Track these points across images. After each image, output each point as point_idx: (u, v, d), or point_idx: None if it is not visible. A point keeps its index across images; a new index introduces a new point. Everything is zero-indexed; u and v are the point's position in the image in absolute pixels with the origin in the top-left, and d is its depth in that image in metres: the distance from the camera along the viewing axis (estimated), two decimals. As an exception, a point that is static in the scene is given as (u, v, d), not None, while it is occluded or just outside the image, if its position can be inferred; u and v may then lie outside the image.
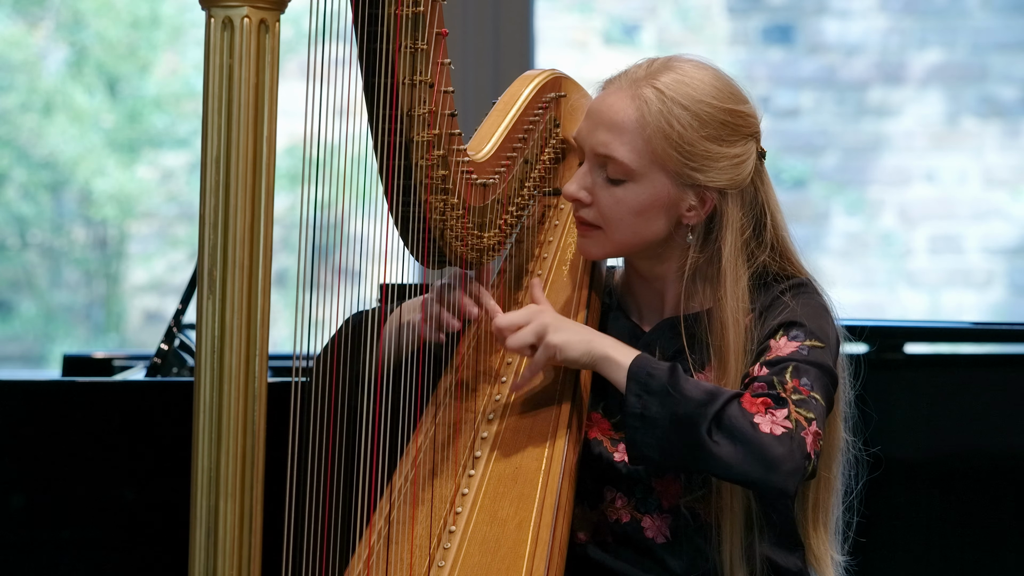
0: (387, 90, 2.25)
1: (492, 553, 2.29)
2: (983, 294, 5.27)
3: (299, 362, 2.13)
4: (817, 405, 2.30)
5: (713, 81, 2.42)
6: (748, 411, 2.27)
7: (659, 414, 2.28)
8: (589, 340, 2.37)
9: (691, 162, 2.39)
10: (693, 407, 2.27)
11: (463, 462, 2.41)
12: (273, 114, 1.95)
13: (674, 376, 2.30)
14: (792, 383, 2.31)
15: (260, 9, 1.93)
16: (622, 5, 5.24)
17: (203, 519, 1.96)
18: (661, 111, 2.38)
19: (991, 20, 5.21)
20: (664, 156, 2.39)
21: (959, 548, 3.60)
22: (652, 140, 2.39)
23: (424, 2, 2.26)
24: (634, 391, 2.30)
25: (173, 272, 5.39)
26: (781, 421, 2.26)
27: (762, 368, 2.34)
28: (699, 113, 2.39)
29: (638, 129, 2.39)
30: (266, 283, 1.96)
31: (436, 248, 2.43)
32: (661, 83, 2.40)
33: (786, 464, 2.25)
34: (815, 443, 2.28)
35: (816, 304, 2.42)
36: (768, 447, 2.24)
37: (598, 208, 2.44)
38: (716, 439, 2.25)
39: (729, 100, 2.42)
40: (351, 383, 2.36)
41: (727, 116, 2.41)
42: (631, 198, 2.42)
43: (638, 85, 2.41)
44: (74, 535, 3.13)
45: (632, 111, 2.39)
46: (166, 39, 5.39)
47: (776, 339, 2.36)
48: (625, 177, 2.41)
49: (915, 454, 3.57)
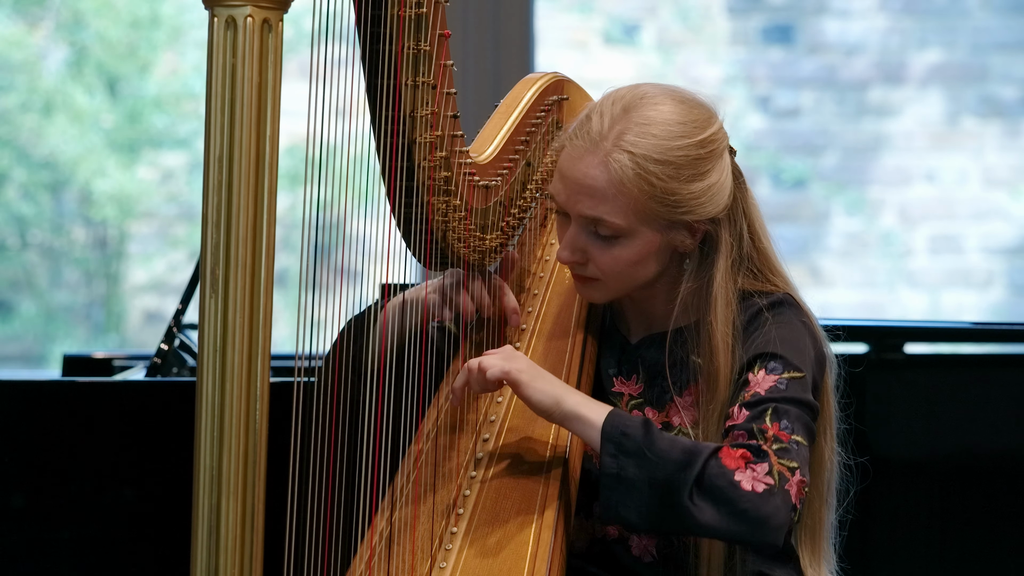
0: (390, 91, 2.25)
1: (494, 554, 2.29)
2: (983, 294, 5.27)
3: (301, 362, 2.13)
4: (799, 450, 2.28)
5: (677, 117, 2.38)
6: (728, 468, 2.24)
7: (636, 476, 2.25)
8: (560, 394, 2.33)
9: (678, 208, 2.37)
10: (672, 470, 2.24)
11: (465, 463, 2.41)
12: (276, 113, 1.95)
13: (649, 435, 2.27)
14: (772, 429, 2.28)
15: (263, 8, 1.93)
16: (622, 5, 5.24)
17: (205, 518, 1.96)
18: (637, 173, 2.35)
19: (991, 20, 5.21)
20: (651, 211, 2.37)
21: (959, 548, 3.60)
22: (636, 201, 2.36)
23: (427, 3, 2.26)
24: (609, 451, 2.27)
25: (173, 272, 5.39)
26: (763, 477, 2.24)
27: (742, 411, 2.31)
28: (673, 161, 2.36)
29: (619, 194, 2.36)
30: (268, 282, 1.96)
31: (438, 250, 2.43)
32: (628, 142, 2.35)
33: (773, 521, 2.23)
34: (800, 492, 2.26)
35: (794, 325, 2.39)
36: (752, 508, 2.22)
37: (595, 265, 2.42)
38: (698, 503, 2.23)
39: (696, 130, 2.38)
40: (354, 379, 2.35)
41: (699, 149, 2.38)
42: (627, 253, 2.40)
43: (606, 149, 2.36)
44: (74, 535, 3.12)
45: (608, 177, 2.36)
46: (166, 39, 5.39)
47: (755, 372, 2.34)
48: (616, 234, 2.39)
49: (915, 454, 3.57)
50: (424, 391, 2.42)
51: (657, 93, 2.40)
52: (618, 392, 2.50)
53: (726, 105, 2.48)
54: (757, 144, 5.21)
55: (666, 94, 2.40)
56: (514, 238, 2.60)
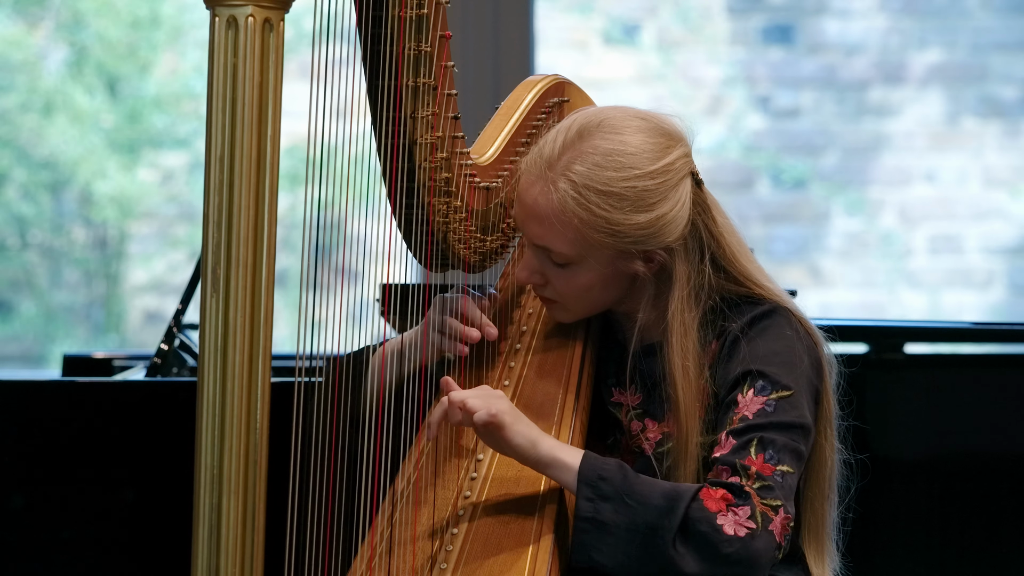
0: (390, 93, 2.25)
1: (494, 555, 2.29)
2: (983, 294, 5.27)
3: (302, 362, 2.13)
4: (784, 482, 2.27)
5: (630, 148, 2.35)
6: (710, 511, 2.23)
7: (613, 520, 2.24)
8: (536, 438, 2.30)
9: (623, 238, 2.35)
10: (654, 516, 2.23)
11: (465, 465, 2.41)
12: (277, 113, 1.95)
13: (626, 479, 2.26)
14: (756, 463, 2.26)
15: (264, 8, 1.93)
16: (622, 5, 5.24)
17: (206, 517, 1.96)
18: (578, 202, 2.33)
19: (991, 20, 5.21)
20: (594, 240, 2.35)
21: (959, 548, 3.60)
22: (577, 230, 2.34)
23: (428, 4, 2.26)
24: (585, 495, 2.25)
25: (173, 272, 5.39)
26: (745, 521, 2.23)
27: (728, 439, 2.29)
28: (617, 192, 2.33)
29: (561, 223, 2.34)
30: (270, 281, 1.96)
31: (439, 251, 2.43)
32: (573, 171, 2.33)
33: (759, 562, 2.23)
34: (784, 528, 2.25)
35: (784, 337, 2.37)
36: (735, 552, 2.22)
37: (553, 288, 2.42)
38: (681, 551, 2.22)
39: (651, 159, 2.35)
40: (354, 394, 2.36)
41: (650, 180, 2.35)
42: (580, 278, 2.39)
43: (552, 177, 2.34)
44: (74, 535, 3.12)
45: (550, 205, 2.34)
46: (166, 39, 5.39)
47: (743, 393, 2.32)
48: (568, 261, 2.38)
49: (915, 454, 3.57)
50: (423, 407, 2.43)
51: (619, 120, 2.37)
52: (617, 402, 2.49)
53: (726, 106, 2.47)
54: (757, 144, 5.21)
55: (629, 121, 2.37)
56: (514, 240, 2.60)
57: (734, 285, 2.41)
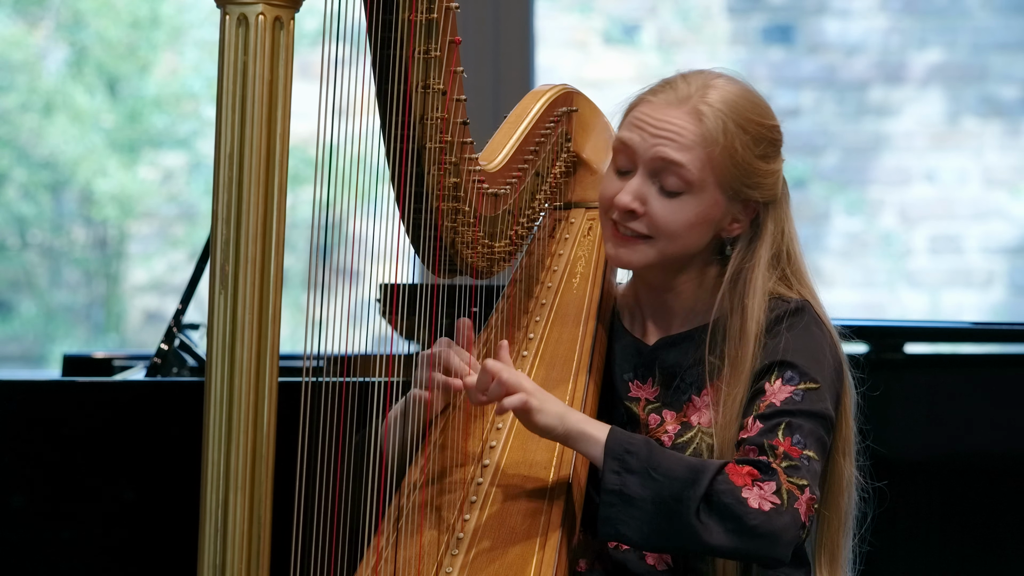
0: (400, 96, 2.25)
1: (500, 560, 2.29)
2: (983, 294, 5.28)
3: (308, 362, 2.13)
4: (810, 466, 2.28)
5: (752, 98, 2.43)
6: (736, 484, 2.24)
7: (639, 494, 2.25)
8: (563, 413, 2.32)
9: (747, 179, 2.40)
10: (678, 488, 2.24)
11: (471, 470, 2.41)
12: (287, 111, 1.95)
13: (652, 454, 2.27)
14: (784, 444, 2.28)
15: (275, 6, 1.93)
16: (622, 5, 5.24)
17: (213, 513, 1.96)
18: (724, 130, 2.38)
19: (991, 20, 5.22)
20: (724, 173, 2.39)
21: (959, 548, 3.60)
22: (716, 159, 2.38)
23: (438, 8, 2.27)
24: (612, 468, 2.27)
25: (173, 272, 5.40)
26: (770, 496, 2.24)
27: (755, 423, 2.31)
28: (753, 132, 2.40)
29: (702, 145, 2.38)
30: (278, 279, 1.97)
31: (447, 256, 2.43)
32: (715, 101, 2.40)
33: (783, 538, 2.24)
34: (809, 509, 2.26)
35: (812, 333, 2.40)
36: (760, 525, 2.23)
37: (651, 218, 2.42)
38: (705, 521, 2.23)
39: (768, 116, 2.44)
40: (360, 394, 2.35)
41: (770, 133, 2.43)
42: (687, 210, 2.40)
43: (698, 105, 2.40)
44: (74, 535, 3.12)
45: (698, 128, 2.38)
46: (166, 39, 5.40)
47: (771, 382, 2.34)
48: (683, 189, 2.40)
49: (915, 454, 3.57)
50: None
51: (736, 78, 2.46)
52: (634, 397, 2.50)
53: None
54: (757, 144, 5.21)
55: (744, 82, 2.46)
56: (523, 247, 2.61)
57: (787, 273, 2.45)
